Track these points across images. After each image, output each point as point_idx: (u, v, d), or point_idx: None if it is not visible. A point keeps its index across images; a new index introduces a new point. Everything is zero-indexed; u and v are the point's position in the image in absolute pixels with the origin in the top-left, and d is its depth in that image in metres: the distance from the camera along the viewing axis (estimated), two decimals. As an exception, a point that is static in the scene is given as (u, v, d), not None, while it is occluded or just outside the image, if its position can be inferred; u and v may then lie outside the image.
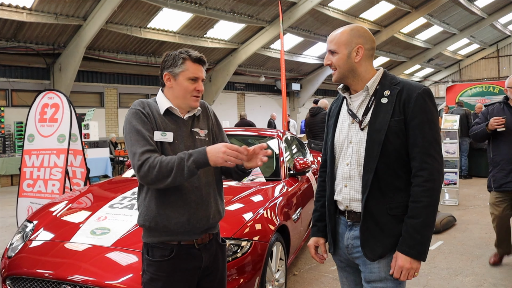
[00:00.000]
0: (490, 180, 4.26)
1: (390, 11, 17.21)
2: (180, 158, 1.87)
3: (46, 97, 5.53)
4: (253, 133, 5.59)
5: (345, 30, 1.94)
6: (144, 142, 1.95)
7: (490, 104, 4.54)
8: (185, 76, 2.05)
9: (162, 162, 1.88)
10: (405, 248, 1.82)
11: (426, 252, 1.84)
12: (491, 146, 4.26)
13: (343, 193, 1.98)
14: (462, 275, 4.32)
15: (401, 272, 1.83)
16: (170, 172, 1.87)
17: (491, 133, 4.13)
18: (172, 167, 1.86)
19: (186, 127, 2.10)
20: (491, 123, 4.07)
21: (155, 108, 2.07)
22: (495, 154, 4.19)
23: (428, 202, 1.81)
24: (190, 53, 2.07)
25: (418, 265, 1.83)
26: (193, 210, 2.02)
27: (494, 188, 4.21)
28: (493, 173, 4.22)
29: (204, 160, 1.86)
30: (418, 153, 1.83)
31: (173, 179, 1.87)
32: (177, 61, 2.05)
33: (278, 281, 3.42)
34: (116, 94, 15.27)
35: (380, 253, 1.88)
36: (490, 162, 4.29)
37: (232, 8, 13.41)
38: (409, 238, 1.81)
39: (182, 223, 2.00)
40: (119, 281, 2.58)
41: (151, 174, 1.88)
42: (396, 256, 1.85)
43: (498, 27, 23.69)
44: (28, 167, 5.47)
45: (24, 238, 3.19)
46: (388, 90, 1.90)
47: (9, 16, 10.34)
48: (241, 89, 19.86)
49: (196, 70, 2.07)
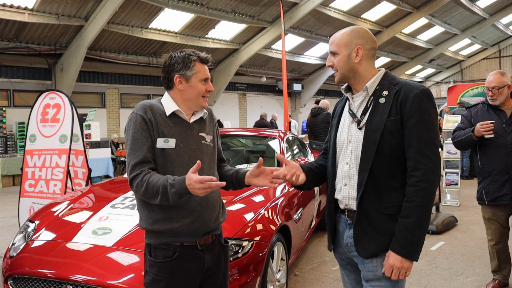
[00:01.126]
0: (481, 192, 3.73)
1: (392, 11, 17.19)
2: (164, 186, 1.86)
3: (48, 97, 5.55)
4: (254, 133, 5.60)
5: (346, 31, 1.97)
6: (138, 153, 1.96)
7: (472, 106, 3.91)
8: (198, 78, 2.05)
9: (149, 183, 1.89)
10: (396, 247, 1.83)
11: (417, 252, 1.84)
12: (478, 154, 3.73)
13: (342, 191, 2.00)
14: (463, 275, 4.31)
15: (392, 271, 1.84)
16: (156, 195, 1.88)
17: (477, 140, 3.59)
18: (157, 191, 1.87)
19: (191, 130, 2.09)
20: (477, 129, 3.51)
21: (159, 111, 2.05)
22: (485, 164, 3.68)
23: (420, 202, 1.82)
24: (199, 54, 2.08)
25: (409, 265, 1.84)
26: (197, 214, 2.01)
27: (488, 202, 3.69)
28: (483, 185, 3.71)
29: (185, 192, 1.84)
30: (413, 153, 1.84)
31: (161, 202, 1.89)
32: (189, 64, 2.04)
33: (279, 281, 3.42)
34: (118, 95, 15.28)
35: (373, 251, 1.89)
36: (479, 172, 3.79)
37: (233, 8, 13.42)
38: (401, 238, 1.82)
39: (185, 226, 2.00)
40: (120, 281, 2.59)
41: (139, 191, 1.92)
42: (388, 255, 1.86)
43: (499, 27, 23.66)
44: (30, 167, 5.48)
45: (26, 238, 3.20)
46: (387, 91, 1.91)
47: (11, 16, 10.37)
48: (242, 90, 19.86)
49: (206, 70, 2.09)
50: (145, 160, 1.96)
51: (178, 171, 2.00)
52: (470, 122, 3.75)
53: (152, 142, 1.99)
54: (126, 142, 2.02)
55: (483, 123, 3.49)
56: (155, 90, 16.22)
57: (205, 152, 2.11)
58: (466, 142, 3.67)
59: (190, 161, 2.03)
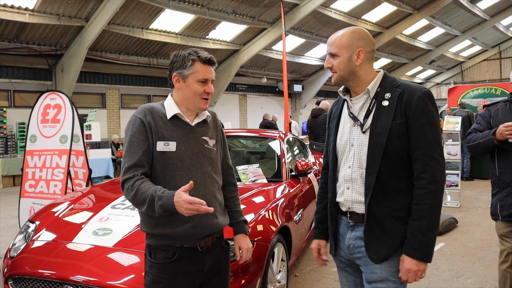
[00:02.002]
0: (496, 206, 3.13)
1: (392, 12, 17.21)
2: (152, 196, 1.84)
3: (49, 98, 5.55)
4: (255, 134, 5.60)
5: (346, 32, 1.93)
6: (133, 156, 1.96)
7: (491, 105, 3.31)
8: (195, 78, 2.01)
9: (139, 190, 1.88)
10: (411, 250, 1.82)
11: (431, 253, 1.84)
12: (496, 160, 3.13)
13: (345, 195, 1.98)
14: (464, 277, 4.31)
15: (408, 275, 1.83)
16: (143, 203, 1.87)
17: (498, 145, 3.03)
18: (145, 200, 1.86)
19: (193, 133, 2.07)
20: (501, 132, 2.93)
21: (160, 114, 2.03)
22: (503, 172, 3.07)
23: (431, 204, 1.81)
24: (200, 54, 2.03)
25: (424, 267, 1.84)
26: (197, 218, 1.99)
27: (502, 217, 3.09)
28: (500, 197, 3.10)
29: (171, 208, 1.82)
30: (420, 156, 1.83)
31: (146, 211, 1.89)
32: (187, 63, 2.01)
33: (279, 282, 3.42)
34: (118, 95, 15.29)
35: (385, 255, 1.88)
36: (495, 182, 3.16)
37: (234, 9, 13.43)
38: (414, 241, 1.82)
39: (186, 231, 1.99)
40: (121, 281, 2.58)
41: (129, 196, 1.92)
42: (402, 259, 1.85)
43: (500, 28, 23.70)
44: (30, 167, 5.48)
45: (26, 238, 3.20)
46: (389, 93, 1.90)
47: (11, 17, 10.38)
48: (243, 90, 19.87)
49: (206, 72, 2.03)
50: (139, 163, 1.95)
51: (178, 175, 1.99)
52: (489, 122, 3.18)
53: (149, 146, 1.98)
54: (124, 144, 2.03)
55: (508, 125, 2.91)
56: (155, 91, 16.23)
57: (207, 156, 2.08)
58: (484, 146, 3.08)
59: (191, 165, 2.02)
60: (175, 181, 1.99)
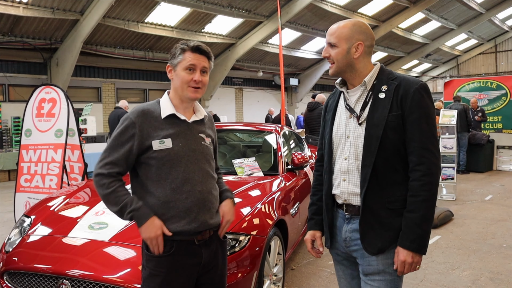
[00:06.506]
0: None
1: (388, 6, 17.19)
2: (126, 203, 1.94)
3: (44, 91, 5.52)
4: (251, 127, 5.59)
5: (347, 24, 1.92)
6: (114, 153, 1.98)
7: None
8: (182, 66, 2.01)
9: (115, 191, 1.95)
10: (406, 242, 1.83)
11: (426, 245, 1.85)
12: None
13: (341, 187, 1.98)
14: (459, 269, 4.34)
15: (404, 266, 1.84)
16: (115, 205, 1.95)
17: None
18: (118, 203, 1.94)
19: (191, 130, 2.07)
20: None
21: (154, 115, 2.02)
22: None
23: (426, 196, 1.82)
24: (188, 43, 2.04)
25: (419, 259, 1.85)
26: (194, 215, 2.00)
27: None
28: None
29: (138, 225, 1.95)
30: (415, 148, 1.84)
31: (113, 212, 1.97)
32: (176, 52, 2.04)
33: (276, 275, 3.42)
34: (114, 89, 15.24)
35: (379, 247, 1.88)
36: None
37: (229, 2, 13.37)
38: (409, 232, 1.82)
39: (183, 227, 1.99)
40: (117, 275, 2.58)
41: (101, 190, 1.97)
42: (397, 251, 1.85)
43: (496, 22, 23.70)
44: (26, 162, 5.46)
45: (22, 233, 3.19)
46: (386, 85, 1.90)
47: (5, 10, 10.29)
48: (239, 84, 19.84)
49: (193, 59, 2.01)
50: (117, 162, 1.97)
51: (175, 171, 1.99)
52: None
53: (131, 148, 1.97)
54: (111, 136, 2.03)
55: None
56: (151, 85, 16.18)
57: (204, 153, 2.09)
58: None
59: (189, 161, 2.02)
60: (172, 177, 1.99)
